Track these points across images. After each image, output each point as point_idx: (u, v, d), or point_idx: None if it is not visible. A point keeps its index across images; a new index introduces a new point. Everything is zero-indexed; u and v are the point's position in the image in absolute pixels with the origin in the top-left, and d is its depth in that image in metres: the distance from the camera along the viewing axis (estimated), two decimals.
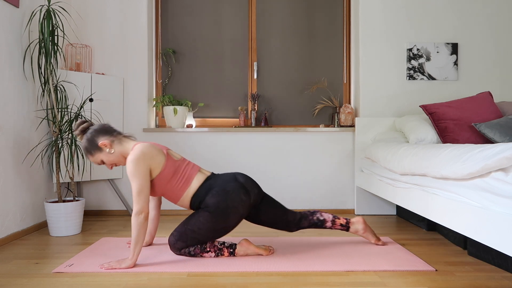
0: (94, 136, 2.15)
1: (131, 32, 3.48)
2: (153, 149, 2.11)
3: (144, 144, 2.11)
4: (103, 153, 2.15)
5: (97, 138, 2.14)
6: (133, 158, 2.04)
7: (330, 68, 3.74)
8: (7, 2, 2.57)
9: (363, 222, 2.38)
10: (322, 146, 3.53)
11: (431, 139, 2.86)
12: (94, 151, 2.15)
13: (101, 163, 2.19)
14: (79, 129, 2.18)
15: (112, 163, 2.18)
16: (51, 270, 1.99)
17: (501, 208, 1.47)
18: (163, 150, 2.16)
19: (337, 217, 2.34)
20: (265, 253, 2.22)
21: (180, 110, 3.45)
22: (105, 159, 2.17)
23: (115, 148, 2.15)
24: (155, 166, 2.09)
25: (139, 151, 2.06)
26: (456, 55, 3.49)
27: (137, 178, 2.02)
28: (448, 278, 1.87)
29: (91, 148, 2.15)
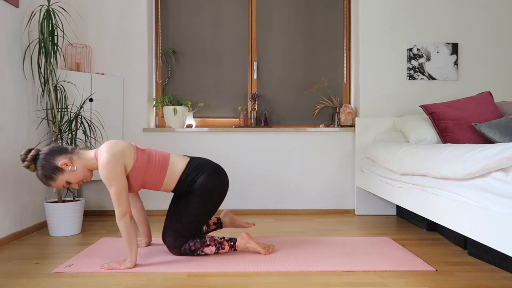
0: (49, 160, 1.99)
1: (131, 32, 3.48)
2: (119, 144, 2.03)
3: (108, 145, 2.02)
4: (65, 173, 2.01)
5: (54, 160, 1.99)
6: (105, 162, 1.95)
7: (330, 68, 3.74)
8: (7, 2, 2.57)
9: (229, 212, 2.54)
10: (322, 146, 3.53)
11: (431, 139, 2.86)
12: (55, 175, 2.00)
13: (67, 184, 2.05)
14: (28, 158, 2.00)
15: (78, 180, 2.06)
16: (51, 270, 1.99)
17: (501, 208, 1.47)
18: (129, 143, 2.11)
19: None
20: (264, 251, 2.21)
21: (180, 110, 3.45)
22: (70, 179, 2.03)
23: (76, 164, 2.03)
24: (127, 161, 2.03)
25: (109, 153, 1.97)
26: (456, 55, 3.49)
27: (114, 181, 1.96)
28: (448, 278, 1.87)
29: (51, 173, 1.99)
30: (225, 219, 2.53)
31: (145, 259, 2.14)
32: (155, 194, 3.50)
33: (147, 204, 3.49)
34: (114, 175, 1.96)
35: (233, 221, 2.55)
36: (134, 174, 2.07)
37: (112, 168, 1.95)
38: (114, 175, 1.96)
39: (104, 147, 2.01)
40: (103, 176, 1.97)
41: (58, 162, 2.00)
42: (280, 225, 3.02)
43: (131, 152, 2.05)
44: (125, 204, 1.98)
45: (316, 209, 3.52)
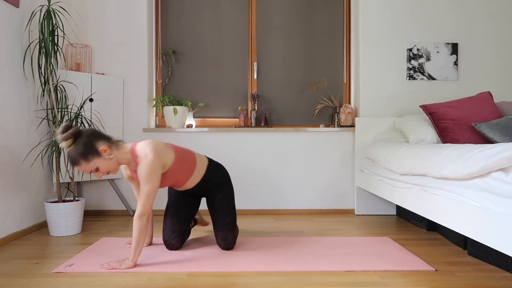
0: (92, 141, 1.94)
1: (131, 32, 3.48)
2: (161, 145, 2.10)
3: (152, 144, 2.05)
4: (101, 159, 1.96)
5: (96, 143, 1.95)
6: (150, 161, 1.99)
7: (330, 68, 3.74)
8: (7, 2, 2.57)
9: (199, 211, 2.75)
10: (322, 146, 3.53)
11: (431, 139, 2.86)
12: (91, 157, 1.93)
13: (95, 171, 1.98)
14: (69, 133, 1.91)
15: (107, 170, 2.00)
16: (51, 270, 1.99)
17: (501, 208, 1.47)
18: (166, 143, 2.19)
19: None
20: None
21: (180, 110, 3.45)
22: (101, 166, 1.98)
23: (113, 153, 2.01)
24: (166, 161, 2.12)
25: (154, 153, 2.02)
26: (456, 55, 3.49)
27: (151, 180, 2.01)
28: (448, 278, 1.87)
29: (88, 153, 1.92)
30: (197, 217, 2.76)
31: (145, 259, 2.14)
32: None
33: None
34: (154, 175, 2.01)
35: (201, 218, 2.79)
36: (168, 174, 2.16)
37: (154, 168, 2.01)
38: (154, 174, 2.02)
39: (147, 146, 2.04)
40: (143, 173, 2.00)
41: (99, 146, 1.95)
42: (280, 225, 3.02)
43: (170, 153, 2.14)
44: (150, 205, 2.03)
45: (316, 209, 3.52)
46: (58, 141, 1.95)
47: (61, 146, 1.94)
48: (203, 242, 2.51)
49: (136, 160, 2.06)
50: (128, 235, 2.73)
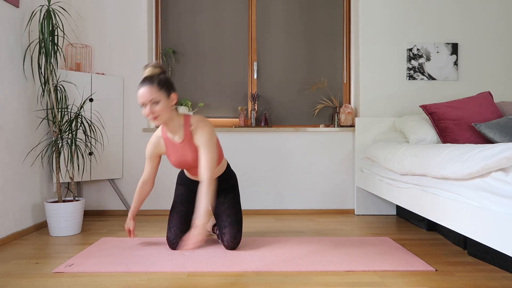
0: (173, 85, 2.13)
1: (131, 32, 3.48)
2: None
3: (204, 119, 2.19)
4: (167, 101, 2.06)
5: (174, 89, 2.12)
6: (210, 128, 2.13)
7: (330, 68, 3.74)
8: (7, 2, 2.57)
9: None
10: (322, 146, 3.53)
11: (431, 139, 2.86)
12: (164, 91, 2.04)
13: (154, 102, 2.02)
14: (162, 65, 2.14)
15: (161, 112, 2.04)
16: (51, 270, 1.99)
17: (501, 208, 1.47)
18: None
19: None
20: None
21: (180, 110, 3.45)
22: (163, 105, 2.03)
23: (173, 110, 2.14)
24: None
25: (210, 124, 2.17)
26: (456, 55, 3.49)
27: (215, 147, 2.12)
28: (448, 278, 1.87)
29: (165, 87, 2.06)
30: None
31: (146, 259, 2.14)
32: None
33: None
34: (213, 142, 2.12)
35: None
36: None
37: (213, 135, 2.14)
38: (213, 141, 2.12)
39: (200, 119, 2.17)
40: (208, 139, 2.09)
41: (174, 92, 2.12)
42: (280, 225, 3.02)
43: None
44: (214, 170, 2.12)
45: (316, 209, 3.52)
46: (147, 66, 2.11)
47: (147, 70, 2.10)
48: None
49: (189, 128, 2.15)
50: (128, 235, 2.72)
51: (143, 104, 2.04)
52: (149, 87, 2.02)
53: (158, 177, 3.49)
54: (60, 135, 2.77)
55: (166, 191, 3.49)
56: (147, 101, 2.02)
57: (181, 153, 2.20)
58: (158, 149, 2.27)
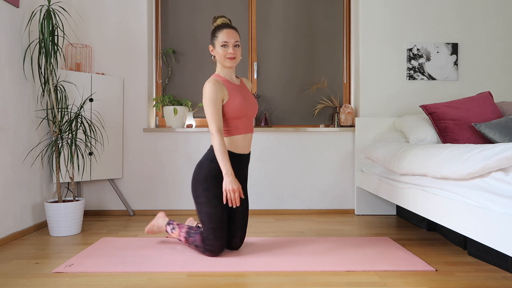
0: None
1: (131, 32, 3.48)
2: None
3: None
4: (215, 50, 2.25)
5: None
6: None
7: (330, 68, 3.74)
8: (7, 2, 2.57)
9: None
10: (322, 146, 3.53)
11: (431, 139, 2.86)
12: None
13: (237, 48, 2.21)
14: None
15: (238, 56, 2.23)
16: (51, 270, 1.99)
17: (501, 208, 1.47)
18: None
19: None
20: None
21: (180, 110, 3.45)
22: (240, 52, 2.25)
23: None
24: None
25: None
26: (456, 55, 3.49)
27: None
28: (448, 278, 1.87)
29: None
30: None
31: (146, 259, 2.14)
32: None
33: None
34: None
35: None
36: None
37: None
38: None
39: None
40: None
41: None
42: (280, 225, 3.02)
43: None
44: None
45: (316, 209, 3.53)
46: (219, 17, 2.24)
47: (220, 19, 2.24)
48: None
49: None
50: (128, 235, 2.73)
51: (226, 44, 2.17)
52: (235, 31, 2.20)
53: (158, 177, 3.49)
54: (60, 135, 2.77)
55: (166, 191, 3.49)
56: (233, 41, 2.18)
57: (243, 95, 2.24)
58: (222, 91, 2.16)
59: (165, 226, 2.41)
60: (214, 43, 2.22)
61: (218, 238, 2.16)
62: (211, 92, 2.12)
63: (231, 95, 2.18)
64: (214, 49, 2.23)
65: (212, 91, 2.12)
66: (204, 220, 2.17)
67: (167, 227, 2.39)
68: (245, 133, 2.24)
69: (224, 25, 2.21)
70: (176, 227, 2.34)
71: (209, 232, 2.16)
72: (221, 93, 2.15)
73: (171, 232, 2.36)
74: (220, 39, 2.18)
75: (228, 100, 2.17)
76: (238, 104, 2.18)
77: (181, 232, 2.29)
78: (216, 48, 2.21)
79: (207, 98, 2.12)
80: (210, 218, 2.16)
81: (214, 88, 2.13)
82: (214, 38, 2.22)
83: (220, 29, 2.20)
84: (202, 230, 2.19)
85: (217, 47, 2.20)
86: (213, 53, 2.24)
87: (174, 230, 2.34)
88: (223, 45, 2.18)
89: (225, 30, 2.18)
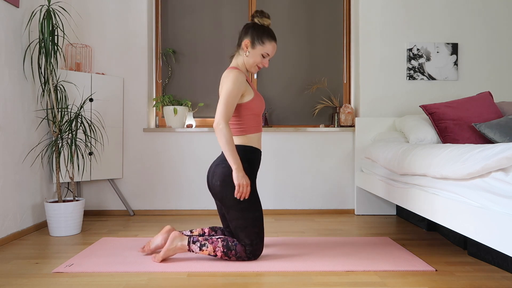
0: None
1: (131, 32, 3.48)
2: None
3: None
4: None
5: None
6: None
7: (330, 68, 3.74)
8: (7, 2, 2.57)
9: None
10: (322, 146, 3.53)
11: (431, 139, 2.86)
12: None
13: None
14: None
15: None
16: (51, 270, 1.99)
17: (501, 208, 1.47)
18: None
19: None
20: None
21: (180, 110, 3.45)
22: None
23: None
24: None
25: None
26: (456, 55, 3.49)
27: None
28: (448, 278, 1.87)
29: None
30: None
31: (146, 259, 2.14)
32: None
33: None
34: None
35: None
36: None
37: None
38: None
39: None
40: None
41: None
42: (280, 225, 3.02)
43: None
44: None
45: (316, 209, 3.53)
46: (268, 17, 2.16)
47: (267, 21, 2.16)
48: None
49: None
50: (128, 235, 2.73)
51: (267, 56, 2.14)
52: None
53: (158, 177, 3.49)
54: (60, 135, 2.77)
55: (166, 191, 3.49)
56: (272, 55, 2.18)
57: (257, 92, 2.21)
58: (245, 86, 2.10)
59: (189, 245, 2.07)
60: (255, 45, 2.11)
61: (262, 241, 2.09)
62: (237, 82, 2.03)
63: (253, 92, 2.15)
64: (251, 49, 2.11)
65: (238, 82, 2.04)
66: (248, 226, 2.03)
67: (192, 247, 2.07)
68: (261, 131, 2.21)
69: (273, 35, 2.13)
70: (206, 242, 2.06)
71: (253, 237, 2.05)
72: (244, 87, 2.07)
73: (199, 251, 2.06)
74: (266, 48, 2.11)
75: (253, 97, 2.12)
76: (260, 101, 2.16)
77: (217, 247, 2.05)
78: (255, 51, 2.11)
79: (230, 86, 2.01)
80: (255, 222, 2.04)
81: (241, 79, 2.05)
82: (259, 41, 2.10)
83: (270, 39, 2.12)
84: (242, 237, 2.05)
85: (257, 52, 2.11)
86: (248, 50, 2.12)
87: (204, 247, 2.05)
88: (264, 56, 2.13)
89: (273, 43, 2.13)
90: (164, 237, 2.21)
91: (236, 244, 2.06)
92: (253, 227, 2.05)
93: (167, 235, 2.21)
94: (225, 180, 2.04)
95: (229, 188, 2.03)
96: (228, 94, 2.01)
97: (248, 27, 2.14)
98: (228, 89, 2.02)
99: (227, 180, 2.03)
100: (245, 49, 2.13)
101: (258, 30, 2.12)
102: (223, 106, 2.00)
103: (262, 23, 2.14)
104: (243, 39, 2.14)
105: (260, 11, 2.17)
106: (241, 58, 2.17)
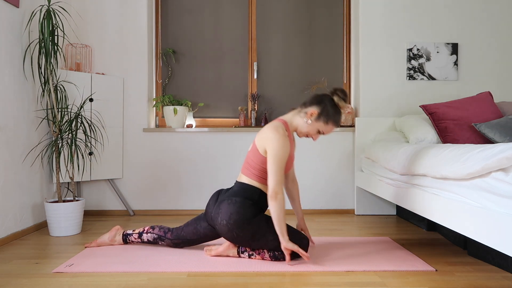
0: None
1: (131, 32, 3.48)
2: None
3: None
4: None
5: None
6: None
7: (330, 68, 3.74)
8: (7, 2, 2.57)
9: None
10: (322, 146, 3.53)
11: (431, 139, 2.86)
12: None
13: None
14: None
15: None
16: (51, 270, 1.99)
17: (501, 208, 1.47)
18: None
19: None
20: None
21: (180, 110, 3.45)
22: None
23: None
24: None
25: None
26: (456, 55, 3.49)
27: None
28: (448, 278, 1.87)
29: None
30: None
31: (145, 259, 2.14)
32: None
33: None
34: None
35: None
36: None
37: None
38: None
39: None
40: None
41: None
42: None
43: None
44: None
45: (316, 209, 3.52)
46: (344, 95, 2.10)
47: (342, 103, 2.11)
48: None
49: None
50: None
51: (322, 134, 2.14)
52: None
53: (158, 177, 3.50)
54: (60, 135, 2.77)
55: (166, 191, 3.49)
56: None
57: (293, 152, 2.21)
58: (289, 147, 2.09)
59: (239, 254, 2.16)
60: (320, 119, 2.08)
61: (278, 239, 2.08)
62: (285, 147, 2.01)
63: (290, 152, 2.14)
64: (314, 121, 2.09)
65: (286, 147, 2.02)
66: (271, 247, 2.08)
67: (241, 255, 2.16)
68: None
69: (339, 121, 2.13)
70: (254, 253, 2.13)
71: (272, 246, 2.08)
72: (288, 148, 2.05)
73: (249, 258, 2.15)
74: (327, 128, 2.10)
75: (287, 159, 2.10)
76: (290, 161, 2.14)
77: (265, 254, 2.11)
78: (316, 124, 2.09)
79: (280, 152, 1.99)
80: (274, 242, 2.05)
81: (287, 144, 2.03)
82: (326, 118, 2.08)
83: (335, 124, 2.10)
84: (268, 247, 2.09)
85: (317, 126, 2.09)
86: (311, 119, 2.09)
87: (253, 256, 2.13)
88: (320, 132, 2.12)
89: (334, 128, 2.12)
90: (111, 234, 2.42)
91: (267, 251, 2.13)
92: (274, 241, 2.05)
93: (114, 232, 2.43)
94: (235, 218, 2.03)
95: (241, 225, 2.03)
96: (279, 160, 1.99)
97: (324, 100, 2.10)
98: (277, 155, 1.99)
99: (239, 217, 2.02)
100: (309, 116, 2.09)
101: (331, 109, 2.09)
102: (277, 173, 1.98)
103: (337, 103, 2.11)
104: (313, 106, 2.10)
105: (344, 91, 2.11)
106: (299, 120, 2.13)
